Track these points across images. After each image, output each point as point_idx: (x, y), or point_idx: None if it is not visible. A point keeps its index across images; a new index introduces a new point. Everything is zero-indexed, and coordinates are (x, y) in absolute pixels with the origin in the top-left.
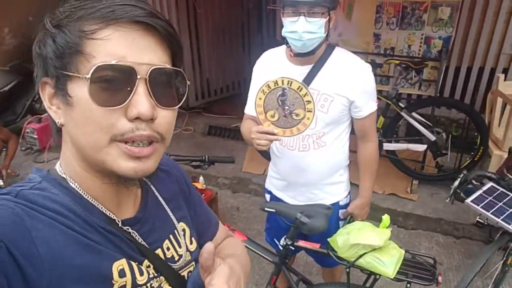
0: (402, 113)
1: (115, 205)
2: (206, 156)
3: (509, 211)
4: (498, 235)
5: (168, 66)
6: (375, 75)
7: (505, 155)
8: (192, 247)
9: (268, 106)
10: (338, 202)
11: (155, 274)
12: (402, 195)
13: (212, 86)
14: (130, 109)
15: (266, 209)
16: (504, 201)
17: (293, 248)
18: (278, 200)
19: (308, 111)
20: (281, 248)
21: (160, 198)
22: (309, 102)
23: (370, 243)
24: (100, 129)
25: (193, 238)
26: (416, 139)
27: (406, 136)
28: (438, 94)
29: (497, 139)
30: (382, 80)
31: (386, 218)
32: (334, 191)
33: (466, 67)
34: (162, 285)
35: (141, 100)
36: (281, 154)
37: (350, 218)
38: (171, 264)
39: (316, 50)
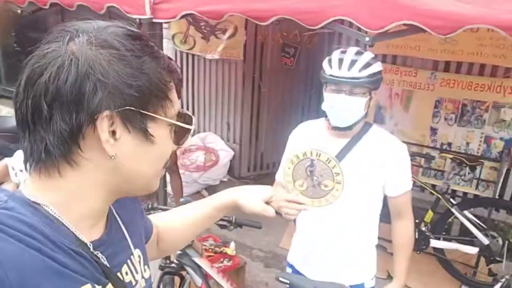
0: (453, 210)
1: (89, 227)
2: (234, 217)
3: None
4: None
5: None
6: (429, 168)
7: None
8: (146, 275)
9: (297, 176)
10: (363, 284)
11: None
12: None
13: (265, 160)
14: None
15: (280, 279)
16: None
17: None
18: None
19: (337, 183)
20: None
21: (121, 223)
22: (337, 174)
23: None
24: (165, 161)
25: (146, 266)
26: (467, 240)
27: (459, 236)
28: (498, 197)
29: None
30: (437, 174)
31: None
32: (360, 270)
33: None
34: None
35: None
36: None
37: None
38: None
39: (354, 126)
